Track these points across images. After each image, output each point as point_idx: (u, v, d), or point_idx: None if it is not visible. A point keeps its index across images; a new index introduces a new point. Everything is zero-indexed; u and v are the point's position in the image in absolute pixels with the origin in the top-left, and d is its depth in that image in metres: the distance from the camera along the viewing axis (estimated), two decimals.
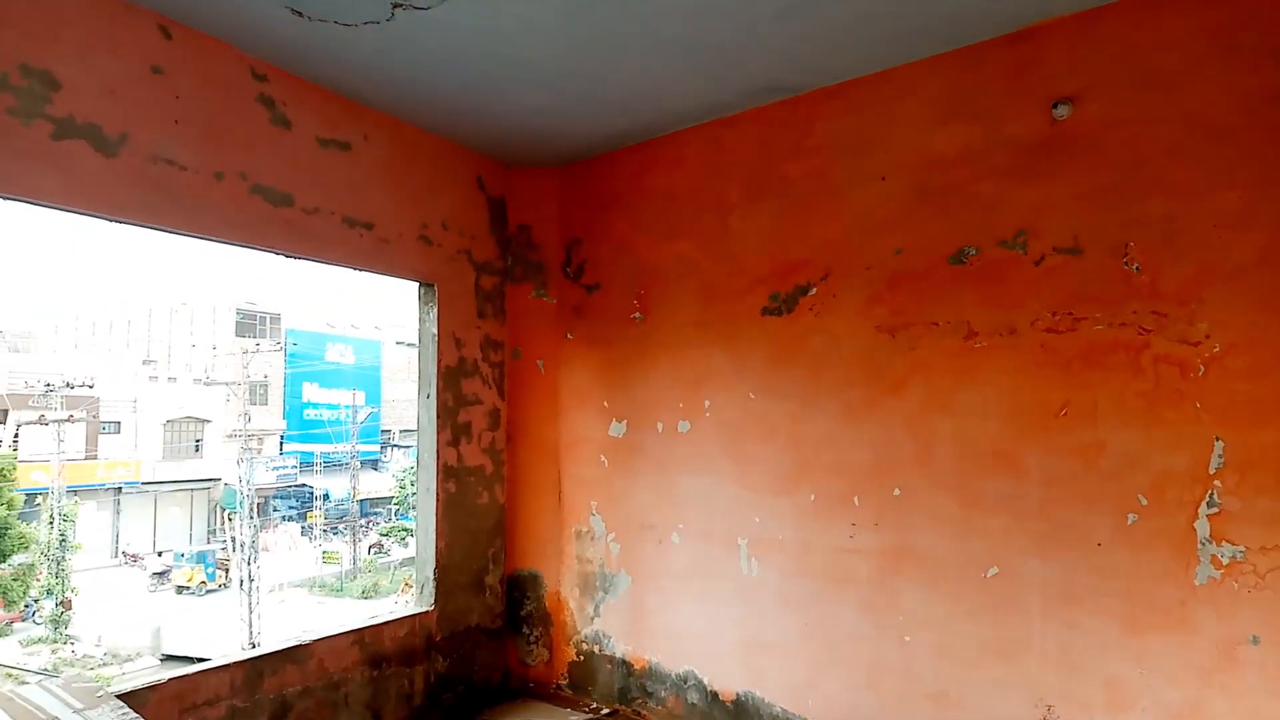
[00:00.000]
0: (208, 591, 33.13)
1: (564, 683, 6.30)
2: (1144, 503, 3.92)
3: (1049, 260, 4.23)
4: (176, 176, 4.28)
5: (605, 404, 6.17)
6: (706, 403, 5.60)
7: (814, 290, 5.10)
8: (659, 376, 5.87)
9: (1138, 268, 3.97)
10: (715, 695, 5.45)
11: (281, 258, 5.05)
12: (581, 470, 6.33)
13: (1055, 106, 4.19)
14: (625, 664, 5.95)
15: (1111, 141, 4.07)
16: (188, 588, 33.12)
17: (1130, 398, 3.97)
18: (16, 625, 28.36)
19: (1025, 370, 4.29)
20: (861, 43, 4.52)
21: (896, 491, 4.72)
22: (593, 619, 6.17)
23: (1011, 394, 4.33)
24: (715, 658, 5.49)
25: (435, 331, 5.91)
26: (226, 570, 34.07)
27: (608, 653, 6.06)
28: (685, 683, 5.60)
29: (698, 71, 4.85)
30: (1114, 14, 4.08)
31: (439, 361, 5.91)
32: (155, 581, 33.88)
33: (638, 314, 5.99)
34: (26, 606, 29.30)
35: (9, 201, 3.77)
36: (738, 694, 5.35)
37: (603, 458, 6.18)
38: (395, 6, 4.08)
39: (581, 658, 6.21)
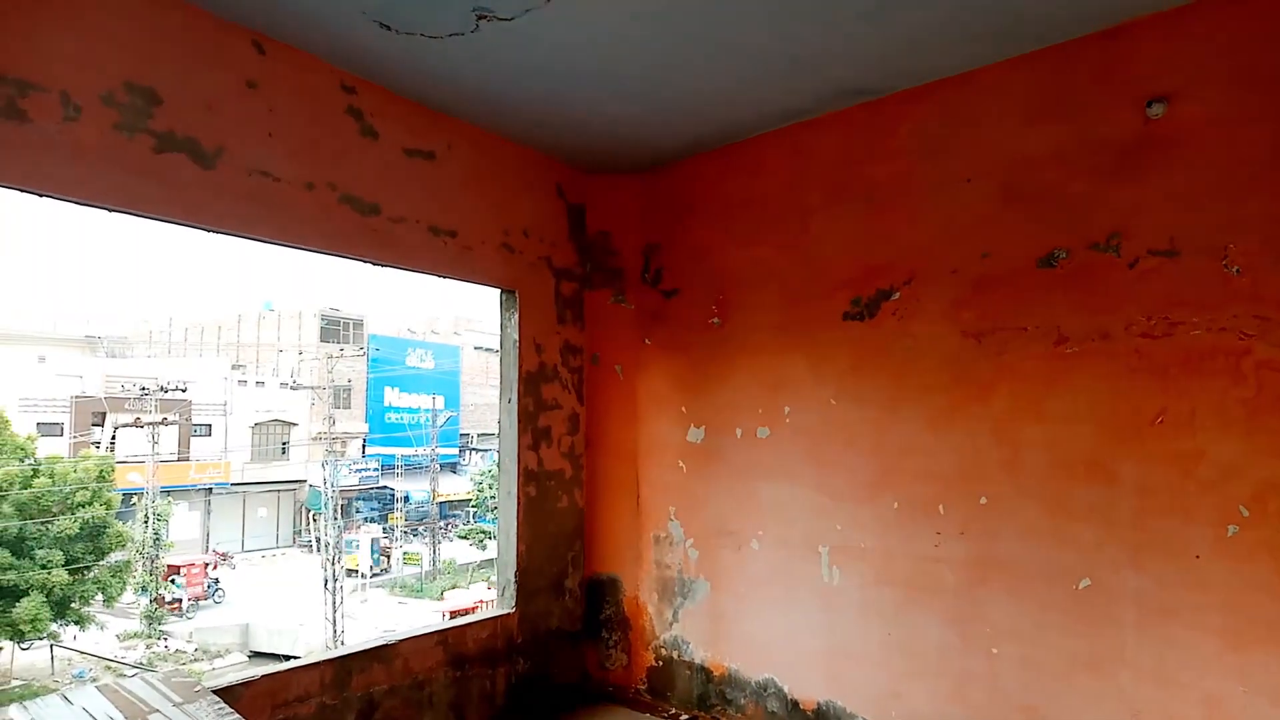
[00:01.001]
0: (374, 575, 36.56)
1: (643, 688, 6.31)
2: (1245, 514, 3.77)
3: (1144, 263, 4.10)
4: (270, 188, 4.42)
5: (683, 409, 6.17)
6: (786, 409, 5.56)
7: (897, 294, 5.03)
8: (738, 382, 5.85)
9: (1238, 270, 3.82)
10: (796, 704, 5.40)
11: (368, 266, 5.16)
12: (660, 475, 6.34)
13: (1150, 105, 4.06)
14: (704, 670, 5.94)
15: (1209, 140, 3.93)
16: (356, 571, 35.86)
17: (1231, 405, 3.83)
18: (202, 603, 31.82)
19: (1119, 376, 4.16)
20: (946, 43, 4.45)
21: (983, 500, 4.62)
22: (671, 624, 6.17)
23: (1104, 401, 4.20)
24: (795, 666, 5.44)
25: (516, 337, 5.99)
26: (388, 556, 38.41)
27: (686, 659, 6.05)
28: (765, 690, 5.57)
29: (779, 77, 4.83)
30: (1209, 9, 3.94)
31: (520, 367, 5.98)
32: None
33: (716, 319, 5.98)
34: (208, 588, 32.41)
35: (113, 213, 3.92)
36: (819, 703, 5.29)
37: (681, 463, 6.18)
38: (479, 18, 4.15)
39: (660, 663, 6.22)
